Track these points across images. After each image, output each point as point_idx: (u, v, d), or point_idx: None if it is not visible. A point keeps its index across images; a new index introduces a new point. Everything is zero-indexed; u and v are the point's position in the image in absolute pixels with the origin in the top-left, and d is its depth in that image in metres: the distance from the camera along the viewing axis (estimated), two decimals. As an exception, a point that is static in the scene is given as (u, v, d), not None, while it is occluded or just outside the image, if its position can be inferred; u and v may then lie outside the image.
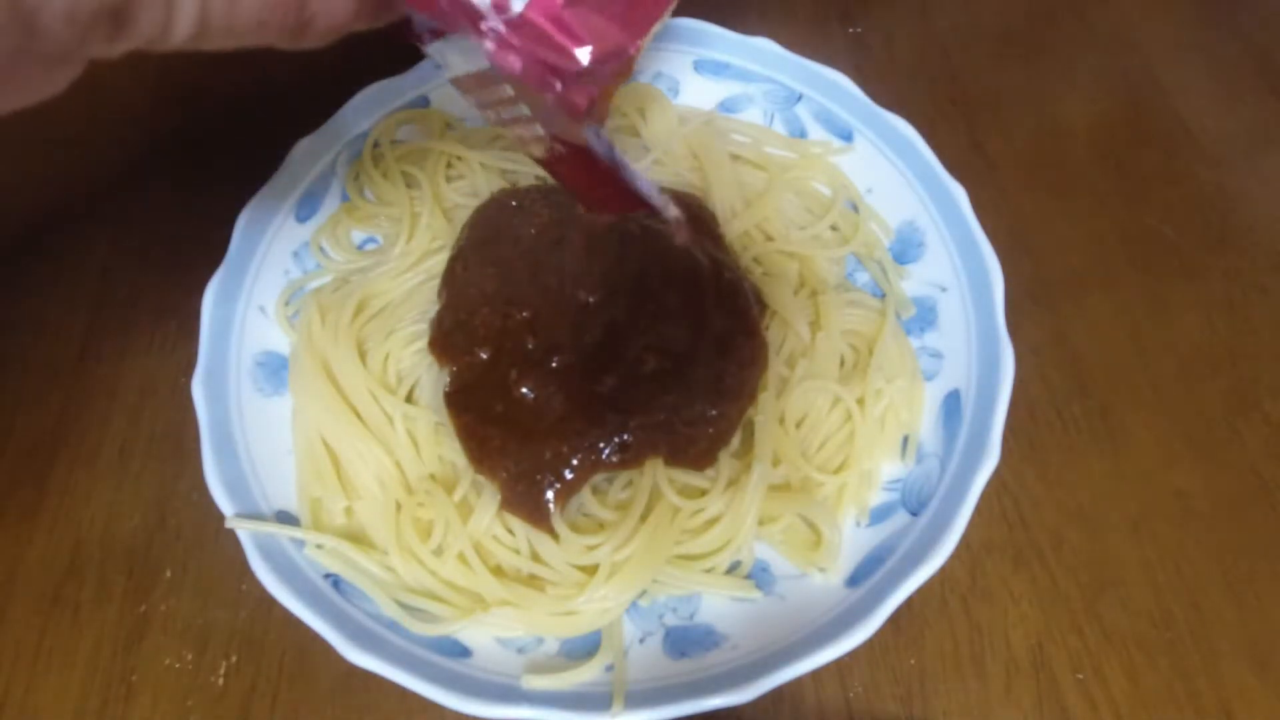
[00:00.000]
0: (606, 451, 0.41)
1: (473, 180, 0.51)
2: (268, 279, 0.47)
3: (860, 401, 0.44)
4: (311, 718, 0.39)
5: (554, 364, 0.42)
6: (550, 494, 0.40)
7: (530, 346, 0.43)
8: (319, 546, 0.39)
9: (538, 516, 0.40)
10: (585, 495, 0.41)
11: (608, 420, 0.41)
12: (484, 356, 0.43)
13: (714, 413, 0.42)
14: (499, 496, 0.40)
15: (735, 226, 0.49)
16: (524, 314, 0.44)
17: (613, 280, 0.45)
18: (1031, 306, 0.51)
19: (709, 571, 0.40)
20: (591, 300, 0.44)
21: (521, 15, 0.24)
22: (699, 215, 0.49)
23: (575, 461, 0.40)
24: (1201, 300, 0.51)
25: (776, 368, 0.44)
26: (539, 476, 0.40)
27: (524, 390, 0.42)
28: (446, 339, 0.44)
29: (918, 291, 0.48)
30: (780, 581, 0.41)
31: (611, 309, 0.44)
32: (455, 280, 0.46)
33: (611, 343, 0.43)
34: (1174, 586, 0.42)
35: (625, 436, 0.41)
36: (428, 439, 0.43)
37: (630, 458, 0.41)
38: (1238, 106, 0.60)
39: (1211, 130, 0.58)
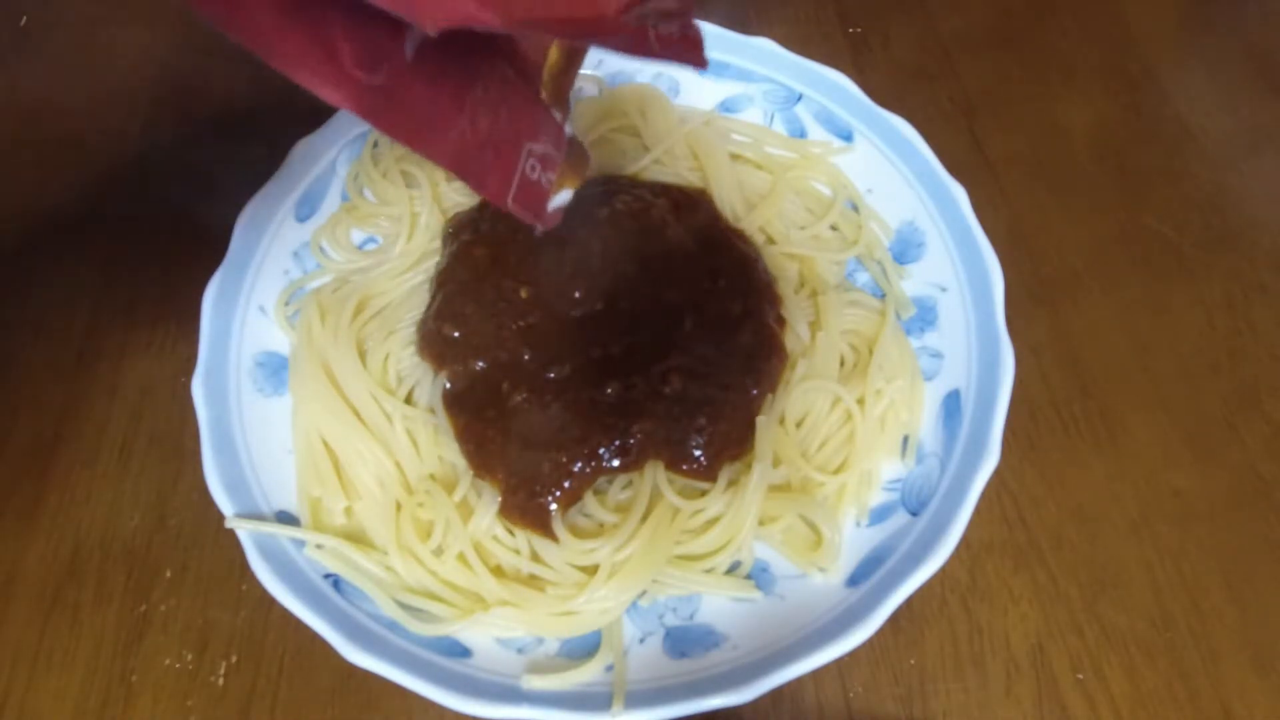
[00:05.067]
0: (607, 456, 0.41)
1: (472, 180, 0.50)
2: (268, 279, 0.47)
3: (860, 401, 0.44)
4: (311, 718, 0.39)
5: (551, 375, 0.42)
6: (553, 505, 0.40)
7: (526, 358, 0.43)
8: (319, 546, 0.39)
9: (538, 524, 0.40)
10: (585, 496, 0.41)
11: (609, 426, 0.41)
12: (478, 367, 0.43)
13: (725, 428, 0.42)
14: (499, 497, 0.40)
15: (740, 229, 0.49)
16: (517, 324, 0.43)
17: (621, 288, 0.44)
18: (1031, 306, 0.50)
19: (709, 572, 0.40)
20: (596, 308, 0.44)
21: None
22: (709, 211, 0.49)
23: (575, 470, 0.40)
24: (1201, 300, 0.51)
25: (777, 368, 0.44)
26: (539, 487, 0.40)
27: (519, 399, 0.42)
28: (428, 345, 0.44)
29: (918, 291, 0.48)
30: (780, 581, 0.41)
31: (628, 321, 0.44)
32: (434, 290, 0.46)
33: (626, 356, 0.43)
34: (1174, 586, 0.42)
35: (628, 440, 0.41)
36: (427, 440, 0.43)
37: (631, 461, 0.41)
38: (1238, 106, 0.59)
39: (1211, 130, 0.58)
